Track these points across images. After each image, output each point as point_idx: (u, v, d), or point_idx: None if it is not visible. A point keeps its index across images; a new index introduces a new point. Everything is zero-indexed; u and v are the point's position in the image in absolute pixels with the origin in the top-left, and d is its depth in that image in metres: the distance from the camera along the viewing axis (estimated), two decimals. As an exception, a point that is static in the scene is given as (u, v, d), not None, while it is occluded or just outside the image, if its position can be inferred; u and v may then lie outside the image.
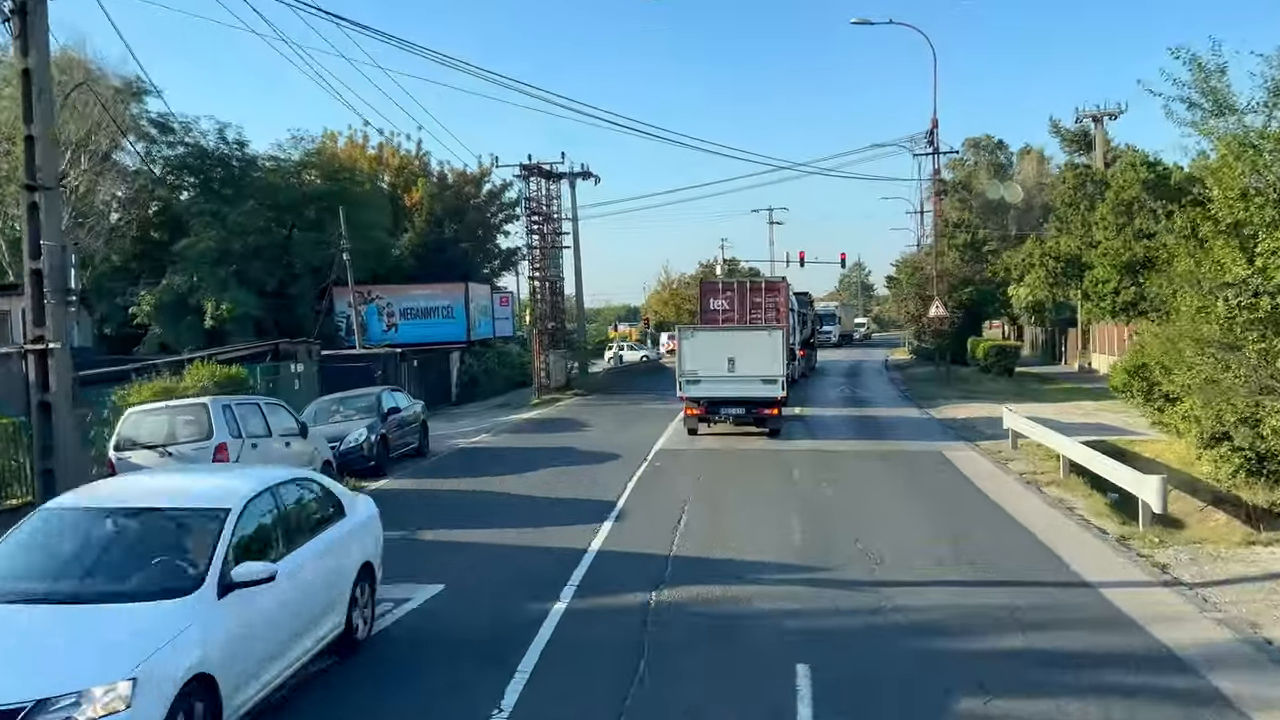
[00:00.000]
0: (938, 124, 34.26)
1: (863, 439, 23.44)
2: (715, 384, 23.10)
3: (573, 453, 21.81)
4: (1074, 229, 41.57)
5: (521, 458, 21.11)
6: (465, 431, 27.08)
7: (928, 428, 25.72)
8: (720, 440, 23.31)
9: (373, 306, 41.71)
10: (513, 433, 26.17)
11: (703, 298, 30.79)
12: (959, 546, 12.54)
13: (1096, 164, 43.64)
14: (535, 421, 29.04)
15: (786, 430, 24.07)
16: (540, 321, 37.27)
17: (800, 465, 19.37)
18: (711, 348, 23.21)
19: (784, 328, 23.88)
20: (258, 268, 38.48)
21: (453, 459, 21.46)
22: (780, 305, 31.17)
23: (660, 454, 21.26)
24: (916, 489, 16.87)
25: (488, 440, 24.64)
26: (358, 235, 39.36)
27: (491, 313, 45.86)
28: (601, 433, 25.44)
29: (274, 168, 40.73)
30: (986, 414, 27.98)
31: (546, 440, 24.16)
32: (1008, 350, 37.93)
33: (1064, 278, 41.08)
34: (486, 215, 52.34)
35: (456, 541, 13.32)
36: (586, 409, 32.37)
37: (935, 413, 29.24)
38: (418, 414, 22.02)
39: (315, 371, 28.13)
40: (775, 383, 22.90)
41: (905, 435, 24.10)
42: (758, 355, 22.97)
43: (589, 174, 38.43)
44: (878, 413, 29.79)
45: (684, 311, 68.96)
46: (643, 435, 24.46)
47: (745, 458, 20.58)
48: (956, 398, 32.89)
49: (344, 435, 18.49)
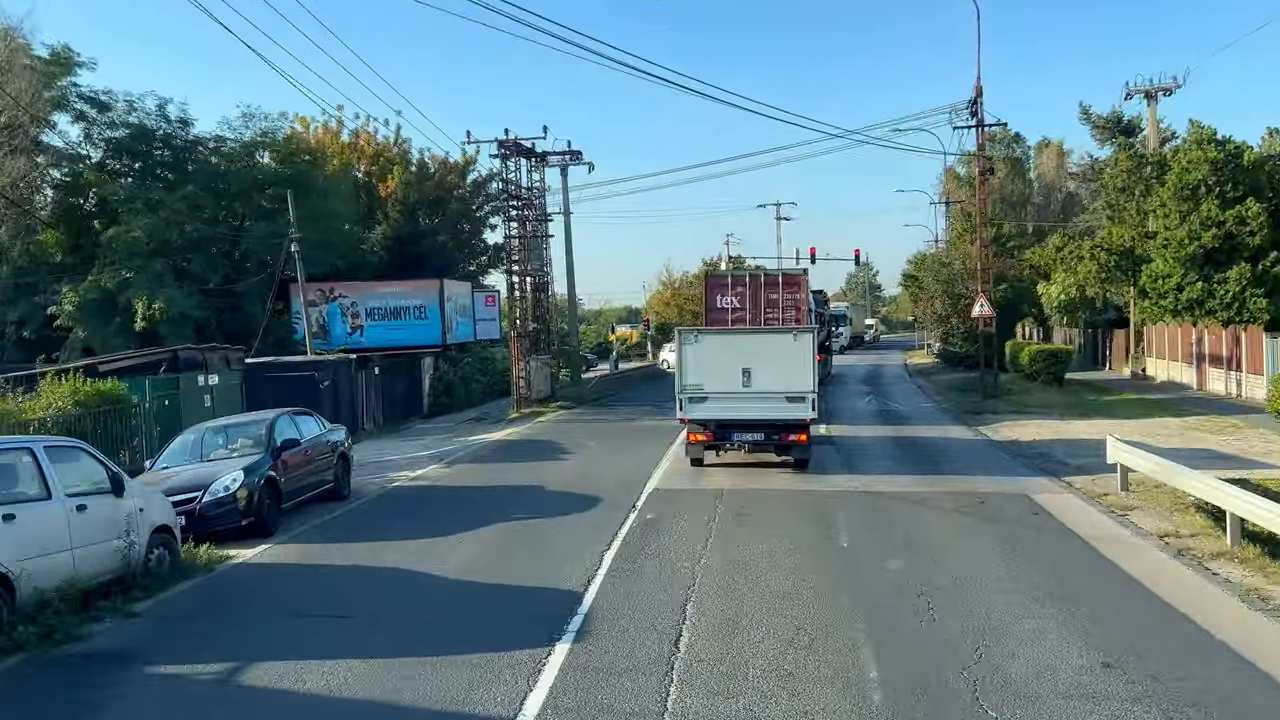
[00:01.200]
0: (982, 91, 28.84)
1: (915, 472, 17.91)
2: (726, 402, 17.64)
3: (539, 495, 16.31)
4: (1127, 218, 35.99)
5: (470, 504, 15.63)
6: (415, 459, 21.59)
7: (991, 455, 20.17)
8: (732, 474, 17.82)
9: (335, 306, 36.23)
10: (472, 462, 20.62)
11: (708, 294, 25.27)
12: (1145, 690, 7.02)
13: (1149, 145, 38.04)
14: (504, 445, 23.49)
15: (816, 459, 18.60)
16: (520, 323, 31.69)
17: (846, 520, 13.86)
18: (721, 355, 17.74)
19: (814, 330, 18.39)
20: (199, 262, 33.04)
21: (378, 506, 15.94)
22: (800, 303, 25.59)
23: (654, 497, 15.76)
24: (1022, 565, 11.33)
25: (437, 473, 19.11)
26: (318, 225, 33.93)
27: (473, 313, 40.30)
28: (582, 462, 19.95)
29: (222, 149, 35.25)
30: (1055, 435, 22.50)
31: (510, 474, 18.65)
32: (1059, 356, 32.42)
33: (1117, 272, 35.51)
34: (471, 207, 46.98)
35: (291, 695, 7.79)
36: (570, 427, 26.85)
37: (990, 432, 23.71)
38: (336, 444, 16.52)
39: (238, 384, 22.67)
40: (804, 401, 17.42)
41: (968, 467, 18.56)
42: (781, 365, 17.50)
43: (576, 154, 32.80)
44: (919, 432, 24.26)
45: (687, 313, 63.34)
46: (633, 466, 18.99)
47: (768, 505, 15.05)
48: (1007, 412, 27.36)
49: (209, 481, 13.00)
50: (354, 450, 24.53)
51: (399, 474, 19.06)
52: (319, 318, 36.04)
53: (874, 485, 16.60)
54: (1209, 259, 32.85)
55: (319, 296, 35.96)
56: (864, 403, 32.04)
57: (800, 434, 17.72)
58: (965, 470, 18.12)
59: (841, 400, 32.06)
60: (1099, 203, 64.34)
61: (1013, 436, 22.73)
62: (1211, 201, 32.29)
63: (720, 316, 25.07)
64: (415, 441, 25.88)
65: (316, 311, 35.93)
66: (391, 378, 32.71)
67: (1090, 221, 63.58)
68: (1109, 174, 37.06)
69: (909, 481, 16.93)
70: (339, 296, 36.29)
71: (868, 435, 23.55)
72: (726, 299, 25.24)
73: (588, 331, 76.64)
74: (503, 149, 30.47)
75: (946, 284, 43.36)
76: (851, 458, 19.76)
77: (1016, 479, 17.12)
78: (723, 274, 26.01)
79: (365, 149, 44.55)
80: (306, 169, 35.65)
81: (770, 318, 25.37)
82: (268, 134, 35.63)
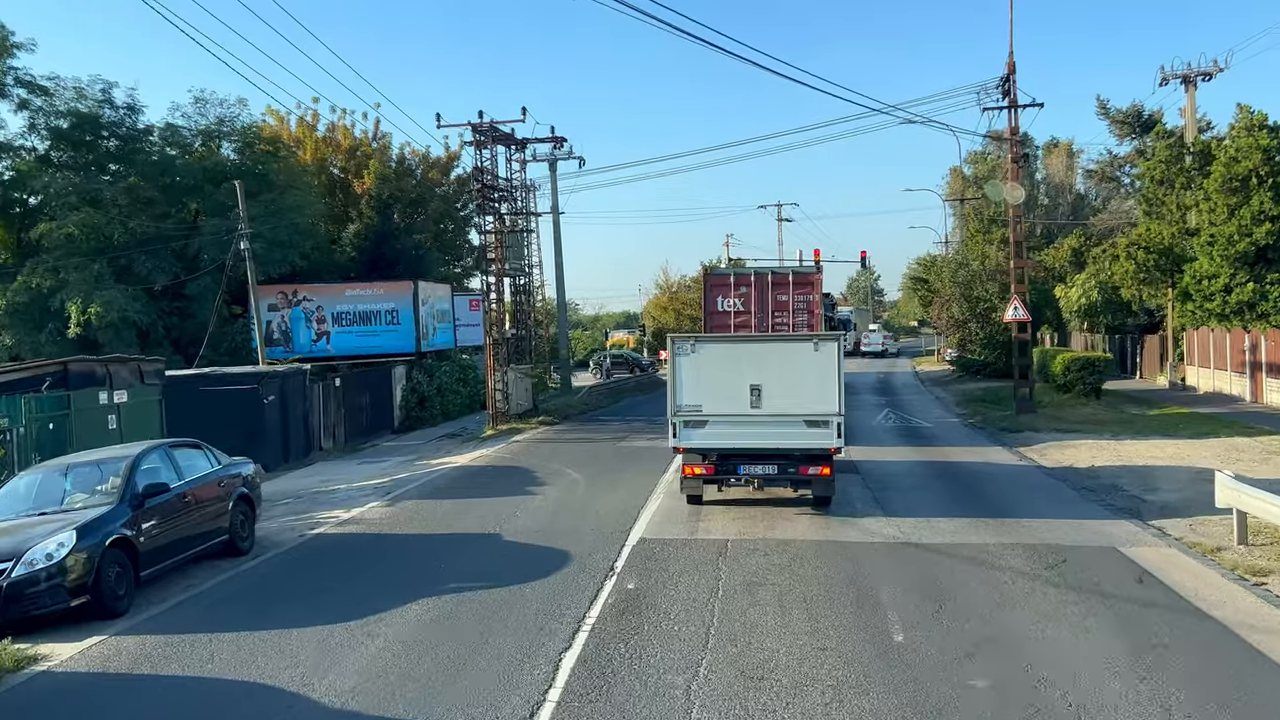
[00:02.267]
0: (1015, 68, 25.25)
1: (964, 513, 14.24)
2: (730, 427, 14.02)
3: (492, 550, 12.64)
4: (1168, 213, 32.35)
5: (400, 563, 11.96)
6: (361, 489, 17.94)
7: (1048, 488, 16.51)
8: (737, 515, 14.17)
9: (298, 311, 32.53)
10: (422, 497, 16.87)
11: (708, 295, 21.62)
12: None
13: (1188, 135, 34.43)
14: (468, 472, 19.76)
15: (839, 494, 14.96)
16: (496, 328, 27.99)
17: (893, 592, 10.20)
18: (724, 369, 14.11)
19: (839, 338, 14.76)
20: (144, 262, 29.45)
21: (281, 568, 12.22)
22: (814, 305, 21.93)
23: (640, 553, 12.11)
24: (1162, 679, 7.67)
25: (376, 514, 15.39)
26: (277, 221, 30.38)
27: (453, 318, 36.65)
28: (556, 498, 16.28)
29: (176, 139, 31.66)
30: (1115, 459, 18.87)
31: (464, 516, 14.96)
32: (1096, 365, 28.79)
33: (1156, 273, 31.87)
34: (455, 205, 43.41)
35: None
36: (549, 448, 23.17)
37: (1036, 456, 20.08)
38: (234, 484, 12.81)
39: (156, 401, 19.01)
40: (827, 425, 13.79)
41: (1026, 505, 14.90)
42: (799, 381, 13.88)
43: (560, 140, 29.10)
44: (953, 455, 20.62)
45: (685, 318, 59.66)
46: (617, 503, 15.34)
47: (787, 567, 11.37)
48: (1048, 429, 23.71)
49: (23, 548, 9.34)
50: (296, 477, 21.07)
51: (330, 514, 15.39)
52: (281, 323, 32.40)
53: (918, 533, 12.94)
54: (1261, 257, 29.26)
55: (281, 300, 32.33)
56: (881, 417, 28.39)
57: (823, 466, 14.08)
58: (1025, 510, 14.47)
59: (856, 414, 28.38)
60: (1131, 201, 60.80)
61: (1065, 461, 19.09)
62: (1264, 194, 28.70)
63: (722, 321, 21.41)
64: (372, 465, 22.24)
65: (278, 316, 32.32)
66: (356, 390, 29.07)
67: (1109, 221, 60.03)
68: (1146, 165, 33.46)
69: (960, 528, 13.28)
70: (303, 300, 32.60)
71: (894, 459, 19.90)
72: (729, 301, 21.58)
73: (583, 337, 73.02)
74: (478, 134, 26.77)
75: (964, 286, 39.72)
76: (882, 491, 16.10)
77: (1094, 523, 13.46)
78: (724, 272, 22.34)
79: (341, 143, 40.98)
80: (266, 160, 32.09)
81: (779, 322, 21.71)
82: (224, 121, 32.05)
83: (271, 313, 32.29)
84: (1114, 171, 56.96)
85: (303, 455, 24.62)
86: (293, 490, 18.82)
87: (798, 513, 14.37)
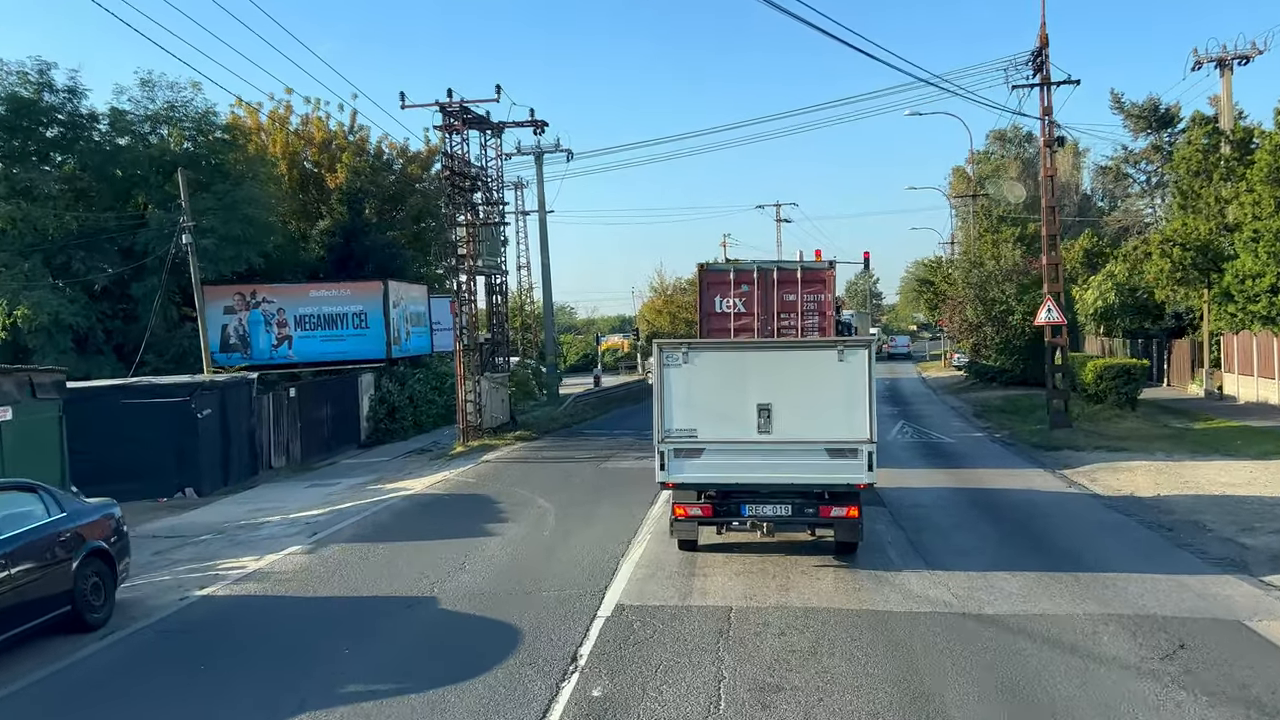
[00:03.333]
0: (1048, 40, 22.24)
1: (1025, 565, 11.16)
2: (731, 457, 11.00)
3: (420, 625, 9.54)
4: (1204, 206, 29.35)
5: (288, 654, 8.83)
6: (291, 524, 14.84)
7: (1118, 528, 13.44)
8: (741, 568, 11.11)
9: (257, 313, 29.42)
10: (357, 538, 13.69)
11: (705, 294, 18.59)
12: None
13: (1224, 122, 31.47)
14: (421, 502, 16.57)
15: (868, 535, 11.89)
16: (468, 332, 24.86)
17: (960, 698, 7.16)
18: (725, 384, 11.07)
19: (870, 344, 11.73)
20: (82, 259, 26.34)
21: (128, 655, 9.01)
22: (825, 306, 18.97)
23: (614, 629, 9.04)
24: None
25: (290, 564, 12.25)
26: (232, 214, 27.31)
27: (429, 321, 33.58)
28: (516, 540, 13.17)
29: (126, 126, 28.55)
30: (1183, 486, 15.85)
31: (397, 568, 11.82)
32: (1132, 373, 25.76)
33: (1194, 271, 28.86)
34: (437, 202, 40.30)
35: None
36: (523, 470, 20.06)
37: (1086, 480, 17.04)
38: (88, 533, 9.68)
39: (54, 418, 15.88)
40: (855, 455, 10.77)
41: (1098, 551, 11.83)
42: (820, 399, 10.87)
43: (541, 124, 25.90)
44: (990, 479, 17.57)
45: (680, 322, 56.56)
46: (592, 548, 12.27)
47: (811, 654, 8.31)
48: (1090, 447, 20.66)
49: None
50: (230, 504, 17.90)
51: (237, 563, 12.29)
52: (238, 327, 29.29)
53: (976, 597, 9.89)
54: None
55: (238, 302, 29.23)
56: (896, 431, 25.35)
57: (849, 507, 11.03)
58: (1099, 559, 11.42)
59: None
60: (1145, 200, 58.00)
61: (1123, 488, 16.05)
62: (1315, 184, 25.77)
63: (720, 324, 18.40)
64: (321, 489, 19.19)
65: (235, 320, 29.22)
66: (316, 400, 26.02)
67: (1122, 220, 57.14)
68: (1181, 154, 30.47)
69: (1028, 587, 10.23)
70: (262, 302, 29.47)
71: (922, 486, 16.84)
72: (728, 301, 18.56)
73: (576, 341, 69.97)
74: (447, 116, 23.64)
75: (978, 287, 36.69)
76: (918, 532, 13.05)
77: (1194, 580, 10.42)
78: (723, 267, 19.29)
79: (314, 136, 37.89)
80: (220, 148, 29.03)
81: (785, 326, 18.74)
82: (175, 107, 28.91)
83: (228, 315, 29.23)
84: (1128, 168, 54.01)
85: (247, 476, 21.57)
86: (216, 523, 15.75)
87: (818, 564, 11.32)
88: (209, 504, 18.34)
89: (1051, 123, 22.40)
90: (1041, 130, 22.73)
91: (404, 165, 38.93)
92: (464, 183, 23.75)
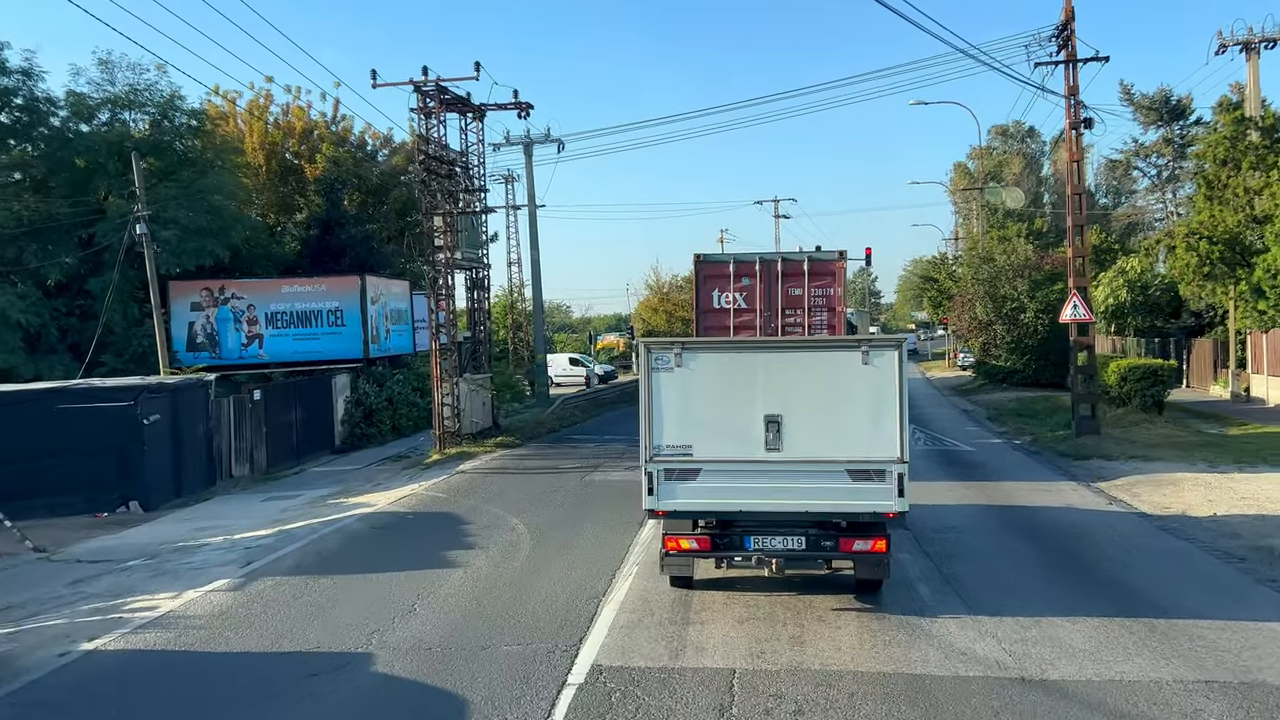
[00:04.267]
0: (1073, 13, 20.31)
1: (1088, 608, 9.21)
2: (734, 479, 9.10)
3: (340, 701, 7.57)
4: (1231, 197, 27.45)
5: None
6: (223, 552, 12.87)
7: (1178, 555, 11.52)
8: (747, 614, 9.17)
9: (226, 310, 27.44)
10: (295, 570, 11.63)
11: (702, 288, 16.63)
12: None
13: (1250, 108, 29.58)
14: (380, 522, 14.51)
15: (893, 572, 9.93)
16: (446, 329, 22.86)
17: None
18: (726, 392, 9.16)
19: (900, 343, 9.84)
20: (35, 252, 24.39)
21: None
22: (835, 301, 16.96)
23: (583, 708, 7.09)
24: None
25: (208, 605, 10.19)
26: (198, 204, 25.34)
27: (411, 319, 31.63)
28: (480, 574, 11.21)
29: (80, 109, 26.56)
30: (1240, 504, 13.98)
31: (332, 614, 9.83)
32: (1159, 374, 23.87)
33: (1222, 266, 26.96)
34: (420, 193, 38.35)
35: None
36: (500, 483, 18.08)
37: (1125, 494, 15.14)
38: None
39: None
40: (883, 477, 8.90)
41: (1167, 589, 9.92)
42: (841, 410, 8.99)
43: (526, 107, 23.83)
44: (1019, 494, 15.65)
45: (676, 320, 54.59)
46: (566, 588, 10.33)
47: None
48: (1121, 455, 18.76)
49: None
50: (176, 521, 15.81)
51: (149, 603, 10.33)
52: (206, 325, 27.32)
53: (1032, 655, 7.97)
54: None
55: (206, 298, 27.27)
56: (907, 436, 23.38)
57: (875, 540, 9.12)
58: (1167, 597, 9.51)
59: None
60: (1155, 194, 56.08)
61: (1171, 505, 14.15)
62: (1353, 172, 23.92)
63: (719, 321, 16.44)
64: (278, 502, 17.24)
65: (202, 317, 27.25)
66: (285, 403, 24.02)
67: (1131, 216, 55.31)
68: (1207, 142, 28.57)
69: (1093, 640, 8.32)
70: (232, 298, 27.50)
71: (946, 502, 14.91)
72: (728, 295, 16.58)
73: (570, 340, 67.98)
74: (423, 96, 21.62)
75: (989, 284, 34.77)
76: (949, 561, 11.13)
77: None
78: (722, 258, 17.31)
79: (295, 126, 35.90)
80: (185, 133, 27.07)
81: (791, 323, 16.77)
82: (138, 90, 26.90)
83: (195, 312, 27.28)
84: (1138, 161, 52.15)
85: (204, 486, 19.61)
86: (151, 544, 13.81)
87: (836, 605, 9.41)
88: (152, 520, 16.40)
89: (1078, 103, 20.48)
90: (1067, 111, 20.81)
91: (389, 155, 37.01)
92: (441, 168, 21.73)
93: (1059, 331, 34.56)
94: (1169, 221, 47.98)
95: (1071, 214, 21.43)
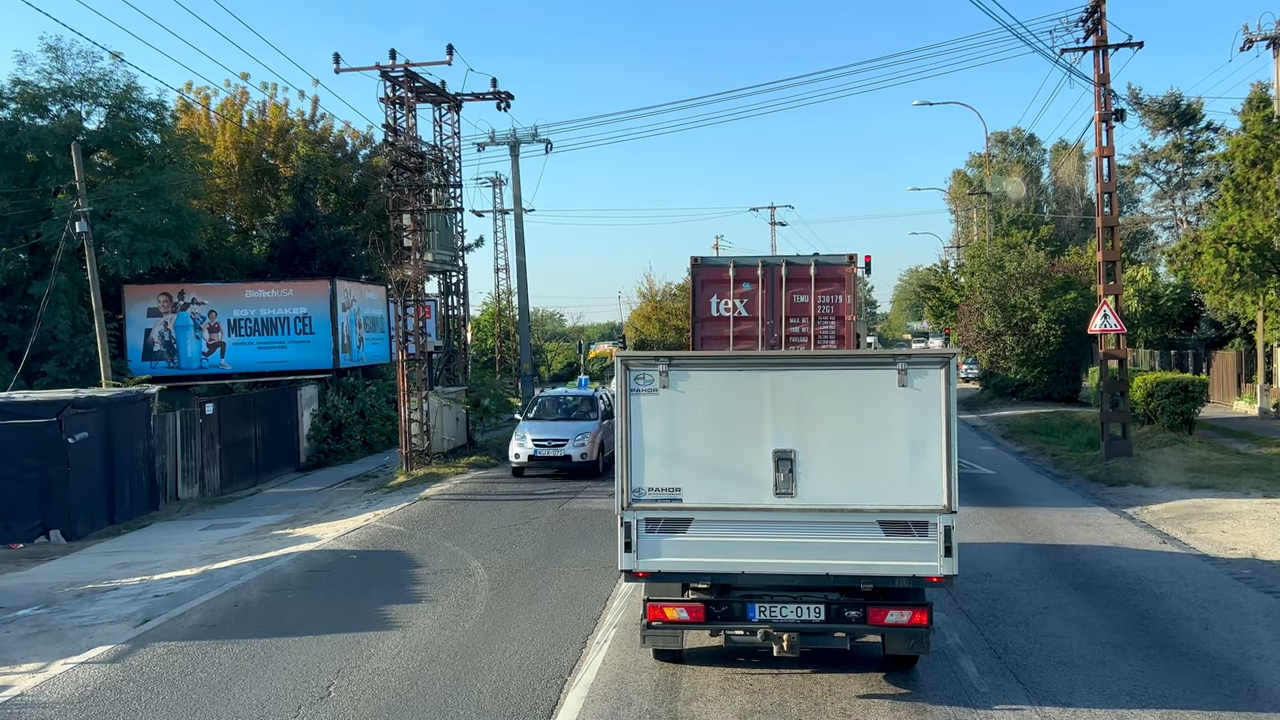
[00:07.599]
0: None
1: (1179, 698, 7.18)
2: (733, 530, 7.09)
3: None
4: (1263, 201, 25.55)
5: None
6: (128, 600, 10.75)
7: (1269, 613, 9.53)
8: (750, 708, 7.10)
9: (185, 316, 25.37)
10: (197, 635, 9.41)
11: (699, 293, 14.63)
12: None
13: (1277, 108, 27.72)
14: (316, 565, 12.19)
15: (937, 650, 7.86)
16: (413, 339, 20.80)
17: None
18: (724, 419, 7.16)
19: (950, 360, 7.87)
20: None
21: None
22: (843, 309, 15.03)
23: None
24: None
25: (76, 682, 7.97)
26: (153, 202, 23.32)
27: (387, 327, 29.57)
28: (423, 638, 9.14)
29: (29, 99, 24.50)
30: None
31: (221, 705, 7.76)
32: (1189, 389, 21.92)
33: (1254, 274, 25.03)
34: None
35: None
36: (463, 511, 15.94)
37: (1180, 532, 13.15)
38: None
39: None
40: (924, 530, 6.87)
41: (1270, 670, 7.93)
42: (870, 444, 6.99)
43: (506, 97, 21.86)
44: (1059, 530, 13.61)
45: (670, 329, 52.56)
46: (525, 660, 8.25)
47: None
48: (1160, 482, 16.75)
49: None
50: (99, 553, 13.78)
51: (11, 673, 8.26)
52: (164, 332, 25.24)
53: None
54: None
55: (163, 303, 25.20)
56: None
57: (916, 612, 7.10)
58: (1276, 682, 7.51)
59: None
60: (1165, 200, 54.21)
61: (1238, 546, 12.14)
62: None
63: (717, 331, 14.45)
64: (216, 533, 15.16)
65: (159, 324, 25.18)
66: (242, 418, 21.90)
67: (1140, 223, 53.54)
68: (1235, 142, 26.67)
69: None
70: (192, 303, 25.42)
71: (977, 540, 12.82)
72: (727, 302, 14.59)
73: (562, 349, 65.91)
74: (391, 83, 19.57)
75: (998, 292, 32.84)
76: (995, 626, 9.09)
77: None
78: (721, 262, 15.31)
79: (270, 124, 33.89)
80: (141, 126, 25.03)
81: (795, 333, 14.86)
82: (91, 81, 24.85)
83: (152, 319, 25.21)
84: (1147, 167, 50.37)
85: (143, 510, 17.53)
86: (54, 586, 11.74)
87: (862, 689, 7.38)
88: (74, 553, 14.34)
89: (1108, 92, 18.55)
90: (1096, 101, 18.85)
91: (370, 156, 35.00)
92: (410, 161, 19.68)
93: (1071, 343, 32.74)
94: (1179, 230, 46.16)
95: (1100, 213, 19.47)
